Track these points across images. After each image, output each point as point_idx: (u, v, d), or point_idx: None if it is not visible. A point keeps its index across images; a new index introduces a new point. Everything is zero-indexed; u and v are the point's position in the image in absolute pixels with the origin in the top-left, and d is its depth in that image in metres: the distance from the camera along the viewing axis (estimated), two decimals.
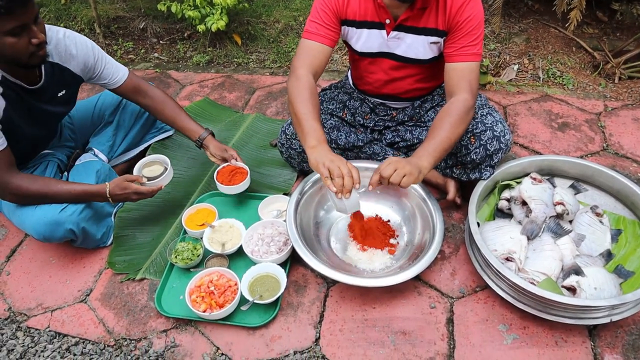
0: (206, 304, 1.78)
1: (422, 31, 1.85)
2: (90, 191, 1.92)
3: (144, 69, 3.29)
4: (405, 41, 1.89)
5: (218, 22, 3.05)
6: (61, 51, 1.89)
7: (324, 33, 1.89)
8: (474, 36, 1.77)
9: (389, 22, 1.86)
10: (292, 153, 2.19)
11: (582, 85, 2.87)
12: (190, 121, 2.21)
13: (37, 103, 1.88)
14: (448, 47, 1.83)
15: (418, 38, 1.87)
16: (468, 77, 1.79)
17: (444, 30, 1.83)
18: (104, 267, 2.05)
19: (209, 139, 2.20)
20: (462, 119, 1.75)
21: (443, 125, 1.74)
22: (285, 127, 2.17)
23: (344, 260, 1.94)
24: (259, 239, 1.99)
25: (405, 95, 2.11)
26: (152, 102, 2.20)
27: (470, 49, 1.79)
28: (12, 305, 1.95)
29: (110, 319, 1.87)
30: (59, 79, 1.91)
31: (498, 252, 1.79)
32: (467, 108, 1.77)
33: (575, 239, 1.87)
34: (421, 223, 1.99)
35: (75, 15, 3.75)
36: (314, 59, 1.89)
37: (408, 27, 1.86)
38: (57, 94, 1.95)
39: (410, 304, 1.83)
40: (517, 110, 2.68)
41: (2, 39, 1.58)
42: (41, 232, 1.86)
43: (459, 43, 1.79)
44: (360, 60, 2.05)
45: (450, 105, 1.79)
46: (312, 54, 1.89)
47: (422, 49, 1.89)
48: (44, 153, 2.13)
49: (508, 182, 2.07)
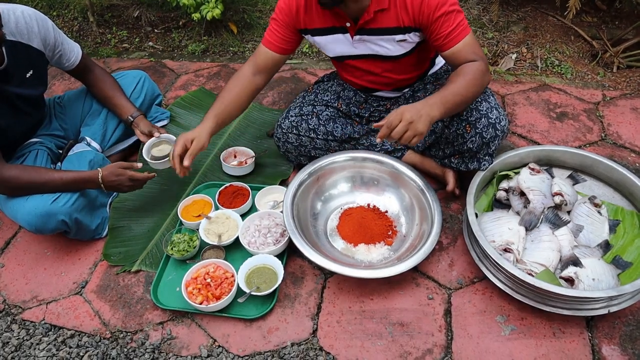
0: (203, 296, 1.76)
1: (386, 31, 1.82)
2: (82, 177, 1.91)
3: (138, 58, 3.25)
4: (372, 42, 1.87)
5: (213, 10, 3.00)
6: (22, 29, 1.87)
7: (275, 42, 1.97)
8: (452, 19, 1.71)
9: (349, 25, 1.84)
10: (288, 147, 2.17)
11: (581, 75, 2.85)
12: (126, 100, 2.26)
13: (7, 87, 1.85)
14: (434, 39, 1.77)
15: (383, 38, 1.84)
16: (469, 50, 1.75)
17: (409, 26, 1.79)
18: (99, 259, 2.03)
19: (140, 118, 2.24)
20: (477, 79, 1.72)
21: (458, 80, 1.72)
22: (280, 121, 2.14)
23: (342, 252, 1.93)
24: (256, 230, 1.97)
25: (390, 88, 2.09)
26: (93, 78, 2.22)
27: (456, 30, 1.73)
28: (7, 298, 1.93)
29: (106, 312, 1.86)
30: (23, 57, 1.89)
31: (496, 243, 1.78)
32: (482, 71, 1.74)
33: (574, 229, 1.86)
34: (419, 214, 1.97)
35: (68, 4, 3.69)
36: (261, 61, 2.01)
37: (370, 29, 1.83)
38: (25, 74, 1.92)
39: (408, 295, 1.83)
40: (515, 100, 2.66)
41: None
42: (33, 223, 1.84)
43: (443, 33, 1.73)
44: (335, 62, 2.08)
45: (463, 67, 1.75)
46: (261, 57, 2.01)
47: (390, 47, 1.87)
48: (32, 142, 2.11)
49: (506, 173, 2.05)
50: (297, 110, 2.12)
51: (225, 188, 2.16)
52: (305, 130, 2.09)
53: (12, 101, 1.91)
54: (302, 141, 2.11)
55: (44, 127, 2.19)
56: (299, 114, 2.11)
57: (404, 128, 1.61)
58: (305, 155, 2.15)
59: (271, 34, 1.96)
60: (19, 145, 2.08)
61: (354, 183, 2.13)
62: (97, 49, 3.38)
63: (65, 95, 2.33)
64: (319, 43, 1.96)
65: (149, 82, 2.43)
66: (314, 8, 1.85)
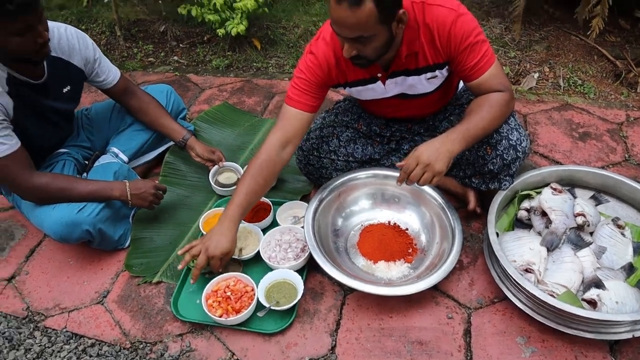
0: (222, 309, 1.78)
1: (416, 72, 1.81)
2: (109, 186, 1.97)
3: (163, 72, 3.31)
4: (404, 84, 1.86)
5: (238, 26, 3.06)
6: (64, 46, 1.95)
7: (304, 100, 1.83)
8: (477, 50, 1.70)
9: (381, 75, 1.83)
10: (310, 169, 2.18)
11: (604, 95, 2.84)
12: (174, 122, 2.31)
13: (44, 100, 1.92)
14: (460, 70, 1.76)
15: (414, 78, 1.83)
16: (495, 80, 1.74)
17: (439, 62, 1.78)
18: (121, 269, 2.06)
19: (193, 140, 2.30)
20: (501, 110, 1.73)
21: (481, 112, 1.71)
22: (302, 143, 2.15)
23: (362, 268, 1.93)
24: (277, 245, 1.99)
25: (417, 118, 2.11)
26: (139, 103, 2.27)
27: (482, 61, 1.72)
28: (30, 305, 1.97)
29: (127, 322, 1.88)
30: (62, 73, 1.96)
31: (517, 263, 1.77)
32: (506, 100, 1.74)
33: (596, 251, 1.84)
34: (440, 232, 1.97)
35: (97, 18, 3.78)
36: (290, 127, 1.84)
37: (402, 71, 1.82)
38: (62, 89, 1.99)
39: (427, 314, 1.82)
40: (537, 119, 2.65)
41: (9, 39, 1.64)
42: (58, 232, 1.88)
43: (469, 64, 1.72)
44: (363, 102, 2.09)
45: (487, 97, 1.74)
46: (289, 122, 1.84)
47: (421, 85, 1.87)
48: (60, 152, 2.17)
49: (528, 192, 2.04)
50: (318, 132, 2.13)
51: None
52: (325, 152, 2.10)
53: (47, 114, 1.97)
54: (323, 163, 2.12)
55: (71, 138, 2.25)
56: (319, 135, 2.12)
57: (421, 171, 1.63)
58: (327, 177, 2.15)
59: (300, 93, 1.82)
60: (47, 156, 2.13)
61: (375, 200, 2.13)
62: (123, 63, 3.45)
63: (93, 107, 2.38)
64: (350, 91, 1.95)
65: (174, 95, 2.48)
66: (343, 63, 1.80)
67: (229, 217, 1.78)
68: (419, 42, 1.72)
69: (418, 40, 1.72)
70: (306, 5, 3.78)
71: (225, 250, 1.76)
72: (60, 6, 3.97)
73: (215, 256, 1.75)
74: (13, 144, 1.80)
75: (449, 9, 1.67)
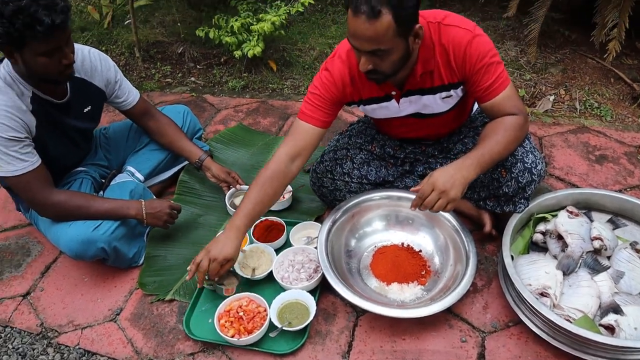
0: (235, 329, 1.77)
1: (431, 91, 1.81)
2: (125, 205, 2.00)
3: (180, 93, 3.36)
4: (417, 103, 1.87)
5: (254, 48, 3.10)
6: (87, 67, 2.00)
7: (317, 116, 1.85)
8: (492, 71, 1.70)
9: (395, 94, 1.84)
10: (324, 191, 2.18)
11: (621, 117, 2.82)
12: (191, 143, 2.34)
13: (65, 119, 1.97)
14: (475, 91, 1.76)
15: (428, 97, 1.84)
16: (509, 102, 1.74)
17: (453, 82, 1.78)
18: (135, 287, 2.07)
19: (209, 161, 2.32)
20: (515, 134, 1.72)
21: (495, 137, 1.71)
22: (315, 165, 2.16)
23: (374, 290, 1.92)
24: (290, 265, 1.98)
25: (432, 138, 2.11)
26: (157, 125, 2.30)
27: (496, 82, 1.72)
28: (44, 321, 1.98)
29: (139, 340, 1.88)
30: (84, 93, 2.01)
31: (532, 287, 1.74)
32: (520, 124, 1.73)
33: (614, 275, 1.81)
34: (453, 254, 1.96)
35: (117, 40, 3.87)
36: (300, 140, 1.85)
37: (416, 90, 1.82)
38: (83, 109, 2.04)
39: (441, 337, 1.79)
40: (552, 142, 2.64)
41: (36, 59, 1.68)
42: (74, 249, 1.90)
43: (483, 85, 1.72)
44: (377, 121, 2.09)
45: (501, 120, 1.74)
46: (300, 136, 1.86)
47: (435, 105, 1.87)
48: (77, 170, 2.21)
49: (543, 215, 2.02)
50: (332, 154, 2.14)
51: (260, 222, 2.18)
52: (339, 174, 2.11)
53: (67, 132, 2.02)
54: (337, 185, 2.13)
55: (89, 157, 2.29)
56: (333, 158, 2.13)
57: (436, 197, 1.63)
58: (340, 199, 2.15)
59: (313, 109, 1.84)
60: (65, 174, 2.17)
61: (388, 221, 2.13)
62: (141, 83, 3.51)
63: (111, 127, 2.43)
64: (364, 109, 1.96)
65: (191, 116, 2.52)
66: (358, 81, 1.82)
67: (235, 226, 1.78)
68: (434, 61, 1.73)
69: (433, 59, 1.73)
70: (322, 27, 3.83)
71: (227, 256, 1.75)
72: (81, 28, 4.07)
73: (217, 260, 1.74)
74: (34, 161, 1.84)
75: (465, 30, 1.68)
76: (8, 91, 1.77)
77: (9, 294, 2.10)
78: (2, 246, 2.31)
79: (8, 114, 1.75)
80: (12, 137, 1.76)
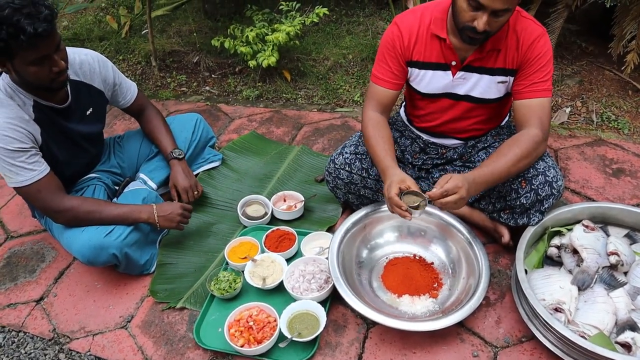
0: (244, 338, 1.77)
1: (490, 71, 1.85)
2: (137, 208, 2.02)
3: (195, 102, 3.39)
4: (471, 81, 1.89)
5: (269, 58, 3.12)
6: (85, 70, 2.02)
7: (389, 79, 1.96)
8: (544, 72, 1.77)
9: (455, 64, 1.86)
10: (338, 183, 2.16)
11: (639, 130, 2.77)
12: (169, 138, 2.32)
13: (69, 124, 1.99)
14: (518, 84, 1.82)
15: (485, 77, 1.86)
16: (539, 113, 1.78)
17: (513, 69, 1.82)
18: (146, 294, 2.07)
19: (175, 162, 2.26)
20: (529, 152, 1.74)
21: (509, 154, 1.73)
22: (334, 156, 2.14)
23: (385, 302, 1.90)
24: (300, 275, 1.97)
25: (461, 135, 2.10)
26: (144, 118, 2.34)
27: (541, 85, 1.77)
28: (57, 327, 1.99)
29: (149, 347, 1.88)
30: (85, 96, 2.03)
31: (546, 302, 1.72)
32: (537, 142, 1.75)
33: (631, 292, 1.78)
34: (466, 267, 1.93)
35: (134, 49, 3.91)
36: (381, 102, 2.00)
37: (475, 67, 1.85)
38: (86, 112, 2.06)
39: (452, 351, 1.77)
40: (569, 155, 2.60)
41: (26, 68, 1.70)
42: (86, 255, 1.92)
43: (530, 80, 1.78)
44: (420, 99, 2.06)
45: (520, 136, 1.77)
46: (379, 98, 2.00)
47: (488, 88, 1.89)
48: (90, 177, 2.23)
49: (558, 229, 1.99)
50: (353, 148, 2.12)
51: (272, 232, 2.18)
52: (358, 169, 2.09)
53: (73, 137, 2.04)
54: (353, 179, 2.11)
55: (102, 164, 2.31)
56: (354, 152, 2.11)
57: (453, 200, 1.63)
58: (354, 193, 2.14)
59: (385, 71, 1.96)
60: (77, 179, 2.19)
61: (400, 233, 2.11)
62: (157, 92, 3.55)
63: (125, 135, 2.45)
64: (414, 77, 1.98)
65: (204, 124, 2.53)
66: (423, 41, 1.88)
67: (387, 166, 1.82)
68: (505, 42, 1.79)
69: (505, 40, 1.79)
70: (336, 38, 3.84)
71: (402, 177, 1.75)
72: (100, 37, 4.12)
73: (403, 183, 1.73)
74: (42, 169, 1.86)
75: (539, 26, 1.80)
76: (10, 103, 1.79)
77: (22, 299, 2.12)
78: (17, 251, 2.34)
79: (11, 126, 1.77)
80: (17, 148, 1.79)
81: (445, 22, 1.82)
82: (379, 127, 1.95)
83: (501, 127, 2.14)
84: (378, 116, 1.99)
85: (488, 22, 1.62)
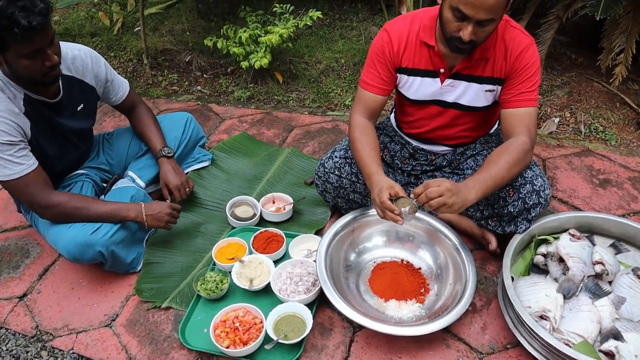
0: (230, 339, 1.76)
1: (478, 79, 1.86)
2: (125, 206, 2.00)
3: (186, 101, 3.37)
4: (460, 88, 1.90)
5: (261, 59, 3.12)
6: (78, 65, 2.01)
7: (378, 84, 1.97)
8: (531, 82, 1.79)
9: (443, 72, 1.87)
10: (327, 187, 2.16)
11: (626, 142, 2.81)
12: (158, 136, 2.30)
13: (59, 119, 1.97)
14: (505, 93, 1.83)
15: (473, 86, 1.88)
16: (527, 122, 1.80)
17: (500, 78, 1.84)
18: (132, 293, 2.06)
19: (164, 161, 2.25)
20: (519, 159, 1.75)
21: (500, 162, 1.74)
22: (324, 160, 2.14)
23: (372, 306, 1.90)
24: (288, 277, 1.97)
25: (450, 142, 2.11)
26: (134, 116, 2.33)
27: (528, 95, 1.79)
28: (40, 324, 1.97)
29: (134, 346, 1.86)
30: (76, 91, 2.02)
31: (532, 309, 1.73)
32: (525, 150, 1.77)
33: (615, 301, 1.79)
34: (453, 273, 1.94)
35: (126, 46, 3.89)
36: (368, 107, 2.01)
37: (464, 75, 1.87)
38: (77, 107, 2.04)
39: (438, 356, 1.78)
40: (556, 164, 2.63)
41: (18, 61, 1.68)
42: (72, 252, 1.89)
43: (517, 89, 1.80)
44: (409, 106, 2.07)
45: (509, 145, 1.78)
46: (367, 103, 2.00)
47: (476, 96, 1.90)
48: (78, 173, 2.21)
49: (545, 237, 2.01)
50: (343, 152, 2.12)
51: (260, 233, 2.18)
52: (347, 173, 2.09)
53: (63, 132, 2.02)
54: (342, 183, 2.11)
55: (91, 160, 2.29)
56: (344, 156, 2.11)
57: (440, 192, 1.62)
58: (343, 197, 2.15)
59: (373, 77, 1.97)
60: (65, 175, 2.17)
61: (389, 237, 2.12)
62: (148, 90, 3.53)
63: (115, 132, 2.43)
64: (403, 84, 1.99)
65: (194, 123, 2.52)
66: (412, 48, 1.89)
67: (373, 172, 1.83)
68: (493, 50, 1.80)
69: (493, 49, 1.80)
70: (329, 42, 3.85)
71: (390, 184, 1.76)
72: (91, 33, 4.09)
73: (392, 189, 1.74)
74: (30, 164, 1.84)
75: (527, 36, 1.82)
76: (0, 95, 1.78)
77: (5, 295, 2.09)
78: (1, 247, 2.30)
79: (1, 119, 1.76)
80: (6, 141, 1.77)
81: (434, 30, 1.83)
82: (366, 133, 1.96)
83: (490, 135, 2.15)
84: (365, 122, 2.00)
85: (474, 32, 1.63)
